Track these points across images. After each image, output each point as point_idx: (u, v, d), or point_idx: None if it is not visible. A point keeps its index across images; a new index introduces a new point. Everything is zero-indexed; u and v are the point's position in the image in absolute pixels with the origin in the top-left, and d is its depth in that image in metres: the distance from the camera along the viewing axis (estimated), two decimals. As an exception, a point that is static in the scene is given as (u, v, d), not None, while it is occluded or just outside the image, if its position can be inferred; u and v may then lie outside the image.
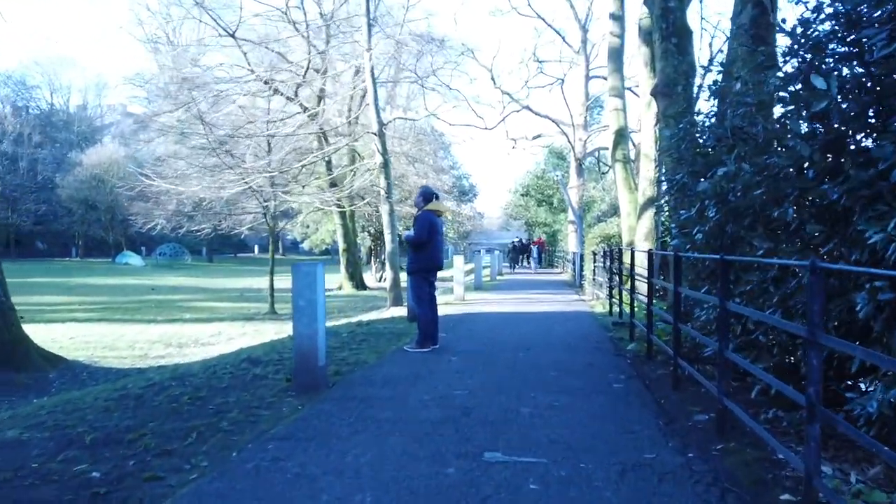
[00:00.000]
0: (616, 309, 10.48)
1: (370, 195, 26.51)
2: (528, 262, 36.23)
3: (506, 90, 28.66)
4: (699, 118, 6.40)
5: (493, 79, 28.12)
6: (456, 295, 14.64)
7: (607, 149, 31.68)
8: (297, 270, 5.50)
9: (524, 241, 38.79)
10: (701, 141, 6.14)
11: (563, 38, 28.34)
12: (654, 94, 9.82)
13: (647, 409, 4.62)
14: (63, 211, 53.76)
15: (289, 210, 31.83)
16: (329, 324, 12.17)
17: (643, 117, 14.37)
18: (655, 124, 14.02)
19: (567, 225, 30.41)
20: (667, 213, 7.12)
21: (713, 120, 6.07)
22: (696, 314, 6.13)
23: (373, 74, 13.27)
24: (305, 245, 38.21)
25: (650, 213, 13.80)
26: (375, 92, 13.32)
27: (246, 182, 15.53)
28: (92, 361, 10.90)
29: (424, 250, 7.23)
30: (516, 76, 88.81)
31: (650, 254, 6.67)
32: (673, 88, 9.53)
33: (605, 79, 30.39)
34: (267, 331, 15.03)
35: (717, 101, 6.89)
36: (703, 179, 5.82)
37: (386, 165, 13.30)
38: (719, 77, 7.24)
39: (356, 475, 3.30)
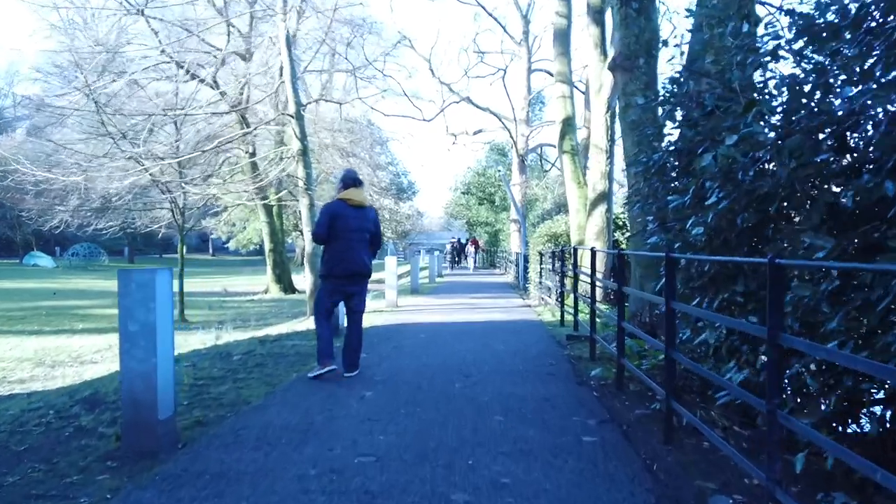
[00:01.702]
0: (569, 318, 9.08)
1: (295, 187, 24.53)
2: (466, 262, 35.96)
3: (445, 81, 27.14)
4: (683, 79, 4.98)
5: (431, 69, 26.58)
6: (388, 301, 12.99)
7: (551, 145, 30.69)
8: (125, 279, 3.76)
9: (462, 241, 38.18)
10: (689, 106, 4.71)
11: (504, 28, 27.11)
12: (613, 68, 8.46)
13: (637, 486, 3.11)
14: (-35, 209, 48.92)
15: (212, 207, 29.42)
16: (233, 338, 10.31)
17: (593, 104, 13.12)
18: (606, 111, 12.79)
19: (509, 224, 29.19)
20: (637, 205, 5.74)
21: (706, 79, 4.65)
22: (684, 335, 4.72)
23: (289, 45, 11.45)
24: (231, 245, 35.68)
25: (602, 209, 12.56)
26: (293, 67, 11.51)
27: (146, 170, 13.39)
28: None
29: (330, 250, 5.72)
30: (456, 67, 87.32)
31: (620, 256, 5.20)
32: (634, 61, 8.18)
33: (550, 74, 29.37)
34: (168, 344, 12.96)
35: (686, 58, 5.54)
36: (693, 154, 4.40)
37: (304, 153, 11.52)
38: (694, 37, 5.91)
39: None
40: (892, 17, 2.45)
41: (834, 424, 3.25)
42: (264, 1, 18.44)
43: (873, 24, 2.62)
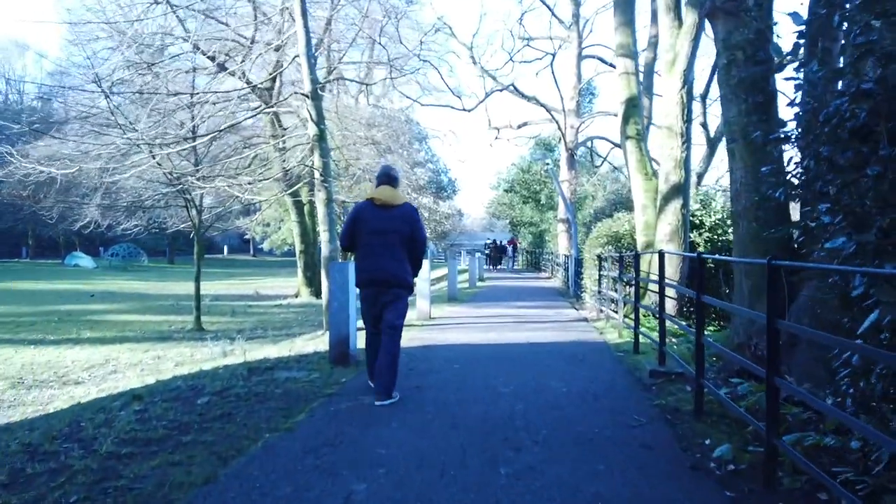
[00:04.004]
0: (646, 339, 7.06)
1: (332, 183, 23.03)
2: (504, 263, 36.56)
3: (488, 69, 25.16)
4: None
5: (472, 57, 24.63)
6: (419, 312, 11.14)
7: (603, 138, 28.39)
8: None
9: (499, 242, 38.74)
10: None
11: (552, 11, 24.94)
12: (712, 13, 6.40)
13: None
14: (9, 208, 49.25)
15: (237, 205, 28.25)
16: (229, 360, 8.60)
17: (664, 80, 11.00)
18: (682, 87, 10.67)
19: (556, 224, 27.02)
20: (779, 190, 3.73)
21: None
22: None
23: (304, 13, 9.72)
24: (265, 245, 34.52)
25: (676, 204, 10.44)
26: (308, 38, 9.77)
27: (152, 156, 11.88)
28: None
29: (355, 256, 5.20)
30: (500, 55, 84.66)
31: (772, 267, 3.17)
32: (742, 2, 6.13)
33: (602, 60, 27.09)
34: (170, 359, 11.43)
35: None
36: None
37: (321, 138, 9.78)
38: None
39: None
40: None
41: None
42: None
43: None
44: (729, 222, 11.47)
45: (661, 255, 5.87)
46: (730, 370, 5.98)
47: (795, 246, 5.92)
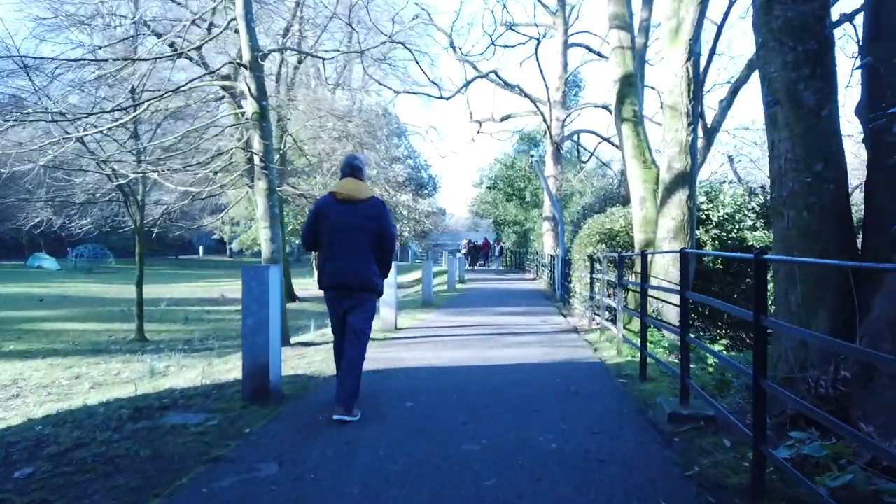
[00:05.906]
0: (653, 360, 5.56)
1: (301, 177, 21.48)
2: (491, 263, 37.31)
3: (469, 57, 23.62)
4: None
5: (452, 44, 23.08)
6: (383, 322, 9.55)
7: (590, 131, 26.97)
8: None
9: (476, 242, 39.67)
10: None
11: (538, -4, 23.44)
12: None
13: None
14: (-33, 207, 46.91)
15: (220, 205, 26.48)
16: (121, 394, 6.90)
17: (667, 53, 9.54)
18: (687, 60, 9.22)
19: (541, 222, 25.56)
20: None
21: None
22: None
23: (241, -32, 8.11)
24: (234, 245, 32.71)
25: (681, 196, 8.98)
26: (248, 2, 8.17)
27: (77, 138, 10.11)
28: None
29: (319, 256, 4.74)
30: (482, 43, 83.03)
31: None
32: (788, -82, 4.63)
33: (589, 49, 25.63)
34: (91, 378, 9.78)
35: None
36: None
37: (262, 117, 8.20)
38: None
39: None
40: None
41: None
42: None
43: None
44: (738, 217, 10.06)
45: (685, 255, 4.35)
46: (773, 408, 4.50)
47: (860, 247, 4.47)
